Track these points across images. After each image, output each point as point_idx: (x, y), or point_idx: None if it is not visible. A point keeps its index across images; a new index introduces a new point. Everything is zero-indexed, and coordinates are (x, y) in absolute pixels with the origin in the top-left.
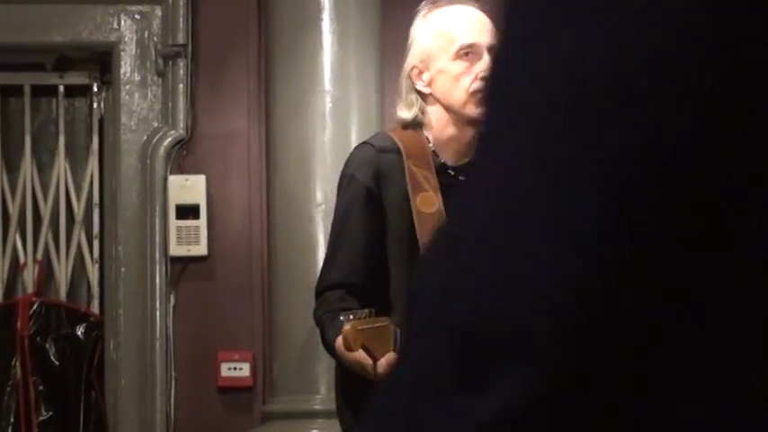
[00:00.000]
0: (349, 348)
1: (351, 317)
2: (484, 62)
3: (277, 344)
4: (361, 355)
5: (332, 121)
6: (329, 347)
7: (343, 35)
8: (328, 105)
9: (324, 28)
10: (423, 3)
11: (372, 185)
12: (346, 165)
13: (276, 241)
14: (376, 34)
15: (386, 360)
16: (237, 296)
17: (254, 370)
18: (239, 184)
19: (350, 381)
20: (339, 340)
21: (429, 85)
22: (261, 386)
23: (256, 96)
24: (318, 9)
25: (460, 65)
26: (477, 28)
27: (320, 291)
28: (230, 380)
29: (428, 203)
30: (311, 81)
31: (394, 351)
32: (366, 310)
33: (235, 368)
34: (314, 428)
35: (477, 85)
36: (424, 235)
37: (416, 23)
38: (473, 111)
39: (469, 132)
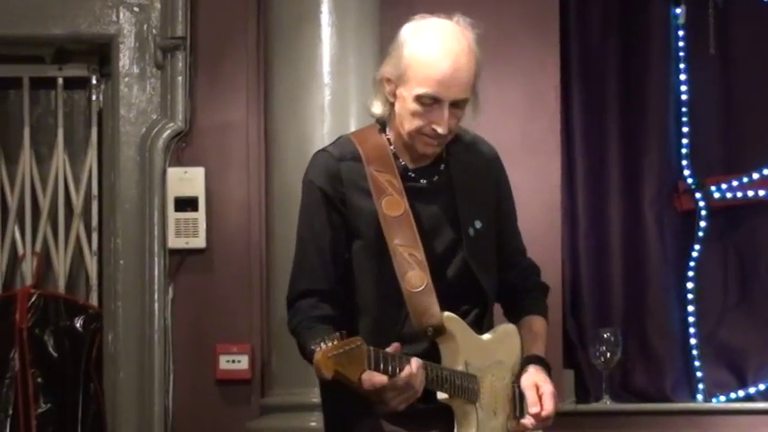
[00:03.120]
0: (322, 377)
1: (321, 345)
2: (443, 116)
3: (276, 336)
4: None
5: (330, 113)
6: (309, 358)
7: (341, 28)
8: (327, 98)
9: (322, 21)
10: (420, 13)
11: (331, 191)
12: (306, 171)
13: (275, 233)
14: (375, 27)
15: (367, 376)
16: (236, 288)
17: (252, 362)
18: (238, 176)
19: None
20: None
21: (393, 97)
22: (259, 379)
23: (255, 89)
24: (317, 2)
25: (417, 107)
26: (448, 81)
27: (292, 300)
28: (229, 372)
29: (394, 207)
30: (310, 74)
31: (369, 369)
32: (337, 334)
33: (233, 361)
34: (312, 421)
35: (428, 131)
36: (392, 238)
37: (406, 30)
38: (420, 147)
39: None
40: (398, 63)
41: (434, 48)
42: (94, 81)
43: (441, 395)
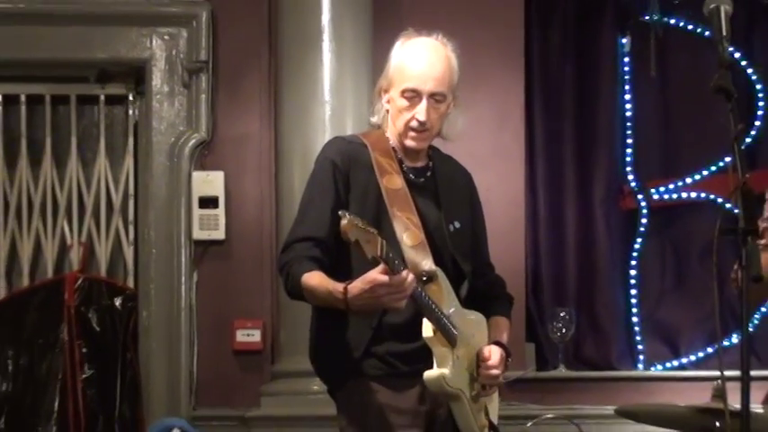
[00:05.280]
0: (346, 238)
1: (347, 214)
2: (423, 106)
3: (284, 313)
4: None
5: (330, 126)
6: (293, 285)
7: (340, 54)
8: (327, 113)
9: (324, 48)
10: (409, 28)
11: (341, 164)
12: (321, 150)
13: (283, 227)
14: (368, 53)
15: (374, 275)
16: (250, 273)
17: (264, 336)
18: (252, 178)
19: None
20: (307, 275)
21: (388, 103)
22: (270, 349)
23: (267, 105)
24: (319, 31)
25: (403, 102)
26: (425, 75)
27: (288, 243)
28: (244, 344)
29: (393, 182)
30: (313, 92)
31: (380, 259)
32: (360, 218)
33: (248, 334)
34: (314, 386)
35: (414, 124)
36: (392, 205)
37: (396, 46)
38: (408, 142)
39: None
40: (388, 72)
41: (414, 53)
42: (131, 98)
43: (426, 331)
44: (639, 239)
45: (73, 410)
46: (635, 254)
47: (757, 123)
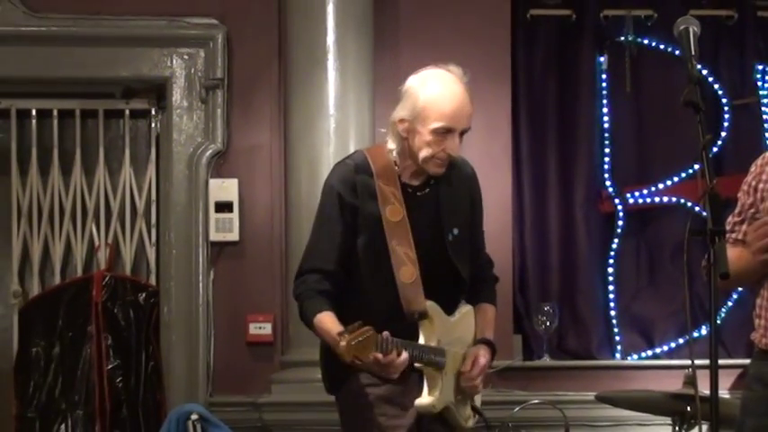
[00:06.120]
0: (343, 361)
1: (345, 335)
2: (456, 142)
3: (293, 309)
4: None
5: (335, 137)
6: (307, 320)
7: (343, 71)
8: (332, 125)
9: (329, 66)
10: (405, 59)
11: (346, 196)
12: (328, 176)
13: (291, 229)
14: (369, 70)
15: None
16: (262, 272)
17: (274, 329)
18: (264, 185)
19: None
20: (319, 317)
21: (407, 133)
22: (280, 341)
23: (277, 118)
24: (324, 51)
25: (433, 137)
26: (458, 115)
27: (301, 272)
28: (256, 336)
29: (394, 214)
30: (319, 107)
31: (375, 352)
32: (356, 324)
33: (260, 327)
34: (319, 374)
35: (441, 155)
36: (392, 239)
37: (414, 78)
38: (433, 170)
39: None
40: (414, 107)
41: (443, 91)
42: (153, 112)
43: (417, 364)
44: (616, 240)
45: (99, 397)
46: (612, 253)
47: (723, 134)
